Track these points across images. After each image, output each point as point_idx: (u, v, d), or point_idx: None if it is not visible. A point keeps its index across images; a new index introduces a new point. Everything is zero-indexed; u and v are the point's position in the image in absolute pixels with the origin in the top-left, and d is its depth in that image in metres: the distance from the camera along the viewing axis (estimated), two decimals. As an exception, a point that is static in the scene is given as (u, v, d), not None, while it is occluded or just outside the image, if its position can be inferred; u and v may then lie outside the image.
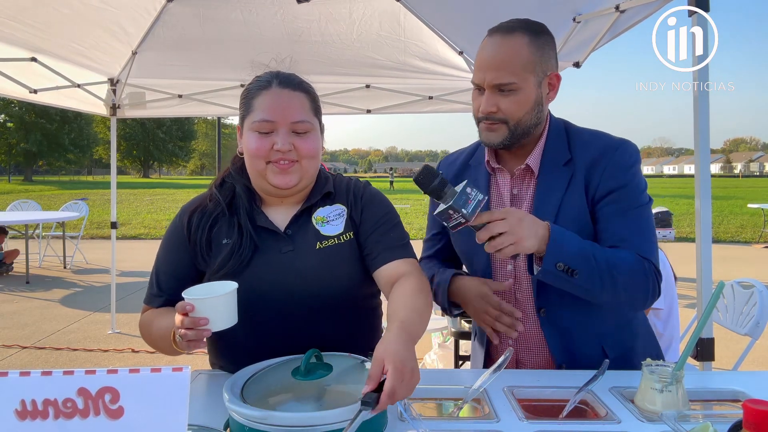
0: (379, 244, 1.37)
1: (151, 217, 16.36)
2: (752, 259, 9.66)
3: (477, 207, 1.18)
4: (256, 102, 1.33)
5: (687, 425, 1.01)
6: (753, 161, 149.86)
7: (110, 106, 4.73)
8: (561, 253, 1.25)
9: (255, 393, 1.06)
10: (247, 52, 4.08)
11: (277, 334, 1.34)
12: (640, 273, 1.32)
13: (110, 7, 3.39)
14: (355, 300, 1.42)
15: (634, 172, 1.40)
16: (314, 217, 1.40)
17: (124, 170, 76.89)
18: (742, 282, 2.82)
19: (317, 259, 1.35)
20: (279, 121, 1.30)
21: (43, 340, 4.91)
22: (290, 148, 1.30)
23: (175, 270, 1.40)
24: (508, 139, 1.39)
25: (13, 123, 48.24)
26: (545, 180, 1.43)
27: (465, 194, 1.18)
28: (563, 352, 1.45)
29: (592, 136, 1.45)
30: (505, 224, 1.19)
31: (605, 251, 1.31)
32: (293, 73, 1.40)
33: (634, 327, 1.52)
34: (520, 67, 1.34)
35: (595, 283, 1.28)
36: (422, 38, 3.90)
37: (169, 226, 1.46)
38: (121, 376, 0.72)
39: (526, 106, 1.37)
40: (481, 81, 1.37)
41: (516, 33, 1.36)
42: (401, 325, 1.08)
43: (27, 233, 7.76)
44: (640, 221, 1.38)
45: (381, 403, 0.92)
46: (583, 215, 1.39)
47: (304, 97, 1.35)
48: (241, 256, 1.33)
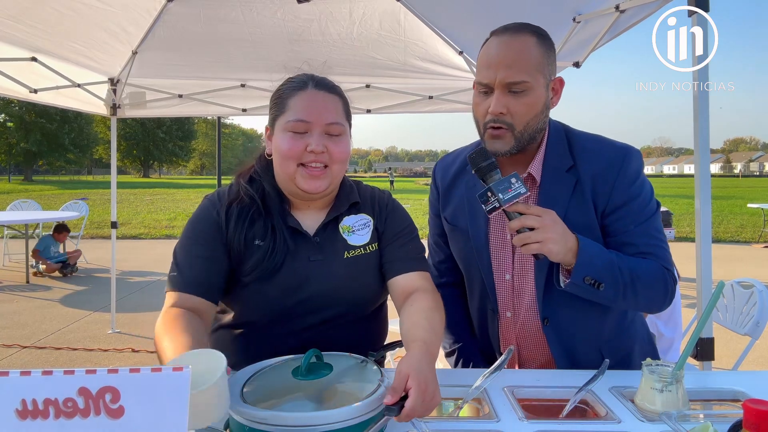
0: (397, 254, 1.39)
1: (151, 216, 16.36)
2: (752, 259, 9.65)
3: (515, 197, 1.21)
4: (290, 102, 1.32)
5: (687, 425, 1.01)
6: (753, 161, 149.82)
7: (110, 106, 4.73)
8: (590, 266, 1.25)
9: (255, 393, 1.06)
10: (247, 52, 4.08)
11: (290, 339, 1.35)
12: (660, 282, 1.33)
13: (110, 7, 3.38)
14: (372, 307, 1.44)
15: (641, 182, 1.39)
16: (341, 225, 1.41)
17: (124, 170, 76.86)
18: (742, 282, 2.82)
19: (344, 268, 1.37)
20: (314, 122, 1.29)
21: (43, 340, 4.91)
22: (323, 150, 1.29)
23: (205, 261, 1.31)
24: (515, 147, 1.35)
25: (13, 123, 48.24)
26: (548, 188, 1.40)
27: (508, 182, 1.22)
28: (565, 359, 1.45)
29: (594, 143, 1.42)
30: (538, 221, 1.21)
31: (629, 261, 1.32)
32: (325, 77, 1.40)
33: (632, 332, 1.53)
34: (533, 66, 1.31)
35: (618, 294, 1.29)
36: (422, 38, 3.90)
37: (198, 214, 1.38)
38: (121, 376, 0.72)
39: (535, 108, 1.33)
40: (492, 80, 1.31)
41: (524, 33, 1.34)
42: (425, 347, 1.10)
43: (27, 233, 7.75)
44: (653, 231, 1.38)
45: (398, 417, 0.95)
46: (590, 223, 1.37)
47: (338, 100, 1.36)
48: (275, 260, 1.32)
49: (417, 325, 1.19)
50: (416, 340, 1.12)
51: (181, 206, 20.21)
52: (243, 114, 4.87)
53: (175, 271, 1.31)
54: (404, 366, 1.01)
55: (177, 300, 1.26)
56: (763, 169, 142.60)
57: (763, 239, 11.96)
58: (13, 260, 8.70)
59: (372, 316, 1.45)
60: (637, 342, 1.53)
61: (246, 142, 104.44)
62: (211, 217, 1.36)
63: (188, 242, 1.34)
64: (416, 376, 0.98)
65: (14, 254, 8.77)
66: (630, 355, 1.49)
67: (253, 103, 4.80)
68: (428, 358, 1.07)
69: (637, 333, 1.54)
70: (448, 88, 4.53)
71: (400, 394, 0.96)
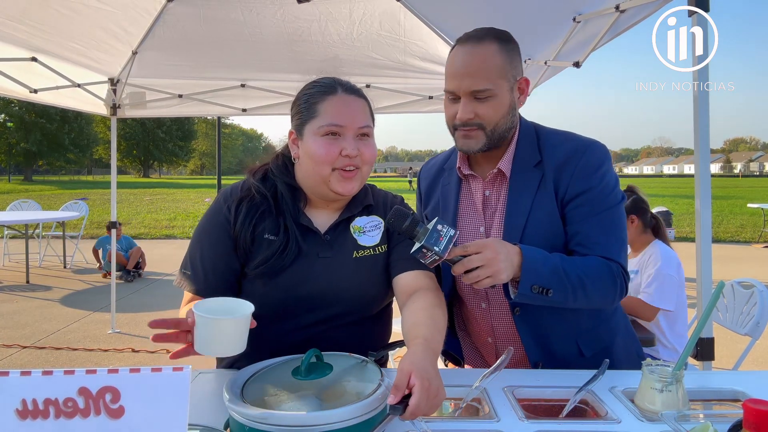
0: (403, 252, 1.40)
1: (151, 216, 16.35)
2: (752, 258, 9.65)
3: (449, 243, 1.21)
4: (321, 107, 1.35)
5: (687, 425, 1.01)
6: (753, 161, 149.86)
7: (110, 106, 4.73)
8: (536, 276, 1.28)
9: (255, 393, 1.06)
10: (247, 52, 4.08)
11: (292, 337, 1.36)
12: (608, 277, 1.36)
13: (110, 7, 3.38)
14: (376, 309, 1.45)
15: (602, 174, 1.42)
16: (352, 226, 1.43)
17: (124, 170, 76.88)
18: (742, 282, 2.82)
19: (353, 268, 1.38)
20: (348, 126, 1.33)
21: (43, 340, 4.91)
22: (357, 153, 1.33)
23: (215, 258, 1.38)
24: (486, 144, 1.42)
25: (13, 123, 48.22)
26: (516, 182, 1.46)
27: (436, 232, 1.21)
28: (538, 350, 1.47)
29: (560, 138, 1.48)
30: (481, 258, 1.22)
31: (573, 262, 1.35)
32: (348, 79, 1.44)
33: (612, 324, 1.54)
34: (494, 74, 1.38)
35: (567, 296, 1.31)
36: (422, 38, 3.90)
37: (210, 212, 1.44)
38: (121, 376, 0.72)
39: (501, 110, 1.40)
40: (457, 88, 1.40)
41: (485, 41, 1.39)
42: (426, 343, 1.09)
43: (27, 233, 7.76)
44: (608, 223, 1.41)
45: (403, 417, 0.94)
46: (553, 216, 1.42)
47: (365, 102, 1.41)
48: (284, 257, 1.34)
49: (419, 323, 1.19)
50: (418, 337, 1.12)
51: (181, 206, 20.21)
52: (243, 114, 4.88)
53: (190, 271, 1.38)
54: (406, 364, 1.00)
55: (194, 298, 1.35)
56: (763, 169, 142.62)
57: (763, 239, 11.96)
58: (13, 260, 8.71)
59: (376, 317, 1.46)
60: (619, 335, 1.54)
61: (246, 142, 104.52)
62: (221, 213, 1.41)
63: (199, 241, 1.41)
64: (419, 373, 0.97)
65: (14, 254, 8.77)
66: (610, 347, 1.50)
67: (253, 103, 4.80)
68: (430, 354, 1.06)
69: (618, 325, 1.55)
70: (448, 88, 4.53)
71: (402, 392, 0.96)
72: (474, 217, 1.53)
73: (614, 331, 1.53)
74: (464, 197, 1.55)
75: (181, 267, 1.41)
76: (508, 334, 1.52)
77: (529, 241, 1.36)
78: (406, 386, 0.96)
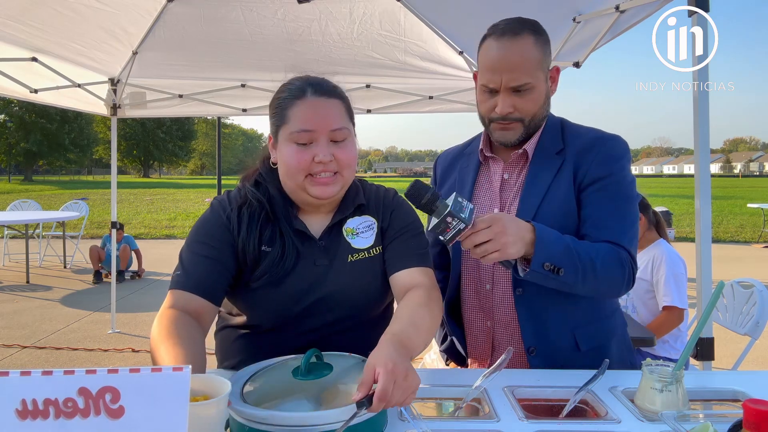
0: (399, 250, 1.38)
1: (151, 217, 16.35)
2: (752, 259, 9.65)
3: (471, 214, 1.20)
4: (290, 112, 1.29)
5: (687, 425, 1.01)
6: (753, 161, 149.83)
7: (111, 106, 4.73)
8: (548, 254, 1.27)
9: (255, 393, 1.06)
10: (247, 52, 4.08)
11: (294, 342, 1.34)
12: (617, 263, 1.36)
13: (110, 7, 3.38)
14: (376, 311, 1.43)
15: (622, 165, 1.44)
16: (344, 228, 1.39)
17: (124, 170, 76.84)
18: (742, 282, 2.82)
19: (349, 273, 1.36)
20: (318, 130, 1.26)
21: (43, 340, 4.91)
22: (331, 159, 1.27)
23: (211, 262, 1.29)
24: (523, 135, 1.46)
25: (13, 123, 48.22)
26: (536, 166, 1.48)
27: (458, 202, 1.20)
28: (535, 335, 1.46)
29: (585, 129, 1.52)
30: (489, 232, 1.21)
31: (586, 245, 1.35)
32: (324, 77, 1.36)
33: (610, 325, 1.54)
34: (533, 67, 1.40)
35: (578, 278, 1.31)
36: (422, 38, 3.90)
37: (206, 216, 1.37)
38: (121, 376, 0.72)
39: (539, 102, 1.43)
40: (497, 84, 1.40)
41: (523, 34, 1.40)
42: (393, 337, 1.08)
43: (27, 233, 7.75)
44: (623, 211, 1.41)
45: (373, 406, 0.92)
46: (569, 200, 1.43)
47: (339, 103, 1.32)
48: (284, 266, 1.31)
49: (395, 320, 1.18)
50: (387, 333, 1.11)
51: (181, 206, 20.21)
52: (243, 114, 4.87)
53: (180, 270, 1.30)
54: (371, 358, 0.99)
55: (178, 300, 1.24)
56: (763, 169, 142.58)
57: (763, 239, 11.96)
58: (13, 260, 8.71)
59: (377, 319, 1.44)
60: (615, 339, 1.53)
61: (246, 142, 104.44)
62: (219, 218, 1.35)
63: (195, 243, 1.33)
64: (381, 360, 0.95)
65: (14, 254, 8.77)
66: (606, 347, 1.50)
67: (253, 103, 4.80)
68: (396, 344, 1.03)
69: (615, 328, 1.55)
70: (448, 88, 4.53)
71: (369, 386, 0.94)
72: (489, 198, 1.54)
73: (611, 332, 1.53)
74: (482, 179, 1.57)
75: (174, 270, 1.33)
76: (507, 318, 1.51)
77: (541, 221, 1.35)
78: (372, 380, 0.94)
